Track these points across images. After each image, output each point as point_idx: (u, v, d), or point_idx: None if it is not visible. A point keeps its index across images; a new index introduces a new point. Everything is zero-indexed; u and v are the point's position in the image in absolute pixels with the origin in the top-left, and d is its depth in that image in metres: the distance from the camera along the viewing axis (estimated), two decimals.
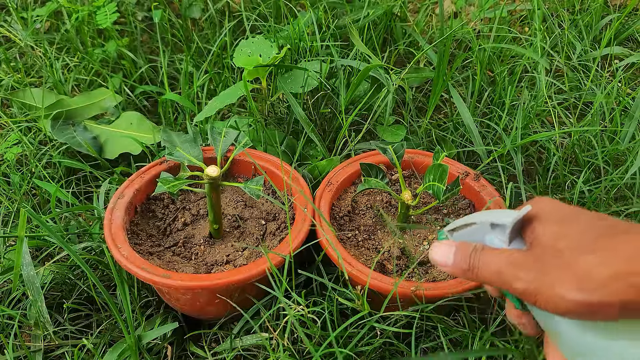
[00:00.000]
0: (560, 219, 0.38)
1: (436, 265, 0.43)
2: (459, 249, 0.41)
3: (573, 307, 0.33)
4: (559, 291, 0.34)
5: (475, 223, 0.42)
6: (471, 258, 0.40)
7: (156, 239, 0.74)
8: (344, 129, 0.87)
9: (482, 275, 0.39)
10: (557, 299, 0.34)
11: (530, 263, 0.36)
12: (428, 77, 1.07)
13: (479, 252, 0.40)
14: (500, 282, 0.38)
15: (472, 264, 0.40)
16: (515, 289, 0.36)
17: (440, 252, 0.43)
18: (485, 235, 0.42)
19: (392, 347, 0.67)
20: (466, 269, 0.40)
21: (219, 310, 0.70)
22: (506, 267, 0.37)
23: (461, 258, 0.41)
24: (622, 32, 1.25)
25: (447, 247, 0.42)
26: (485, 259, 0.39)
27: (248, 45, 0.90)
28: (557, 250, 0.36)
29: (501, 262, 0.38)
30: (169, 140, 0.76)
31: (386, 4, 1.16)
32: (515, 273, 0.36)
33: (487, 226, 0.41)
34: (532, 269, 0.36)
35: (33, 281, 0.68)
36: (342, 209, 0.76)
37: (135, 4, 1.35)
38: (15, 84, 1.10)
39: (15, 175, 0.89)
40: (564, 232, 0.37)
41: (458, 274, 0.41)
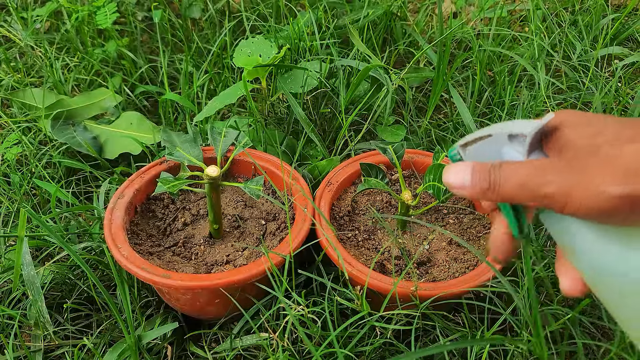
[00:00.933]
0: (589, 121, 0.35)
1: (451, 188, 0.39)
2: (476, 168, 0.37)
3: (610, 204, 0.31)
4: (597, 187, 0.31)
5: (491, 135, 0.38)
6: (491, 175, 0.36)
7: (156, 239, 0.74)
8: (344, 129, 0.87)
9: (504, 190, 0.35)
10: (593, 196, 0.31)
11: (561, 165, 0.33)
12: (428, 77, 1.07)
13: (498, 168, 0.36)
14: (525, 194, 0.34)
15: (492, 180, 0.36)
16: (544, 195, 0.33)
17: (455, 174, 0.38)
18: (502, 148, 0.38)
19: (392, 347, 0.67)
20: (486, 188, 0.36)
21: (219, 310, 0.70)
22: (533, 174, 0.34)
23: (480, 177, 0.37)
24: (622, 32, 1.25)
25: (463, 168, 0.38)
26: (507, 172, 0.35)
27: (248, 45, 0.90)
28: (594, 146, 0.33)
29: (526, 170, 0.35)
30: (169, 140, 0.76)
31: (386, 4, 1.16)
32: (544, 178, 0.33)
33: (504, 138, 0.38)
34: (564, 171, 0.33)
35: (33, 281, 0.68)
36: (342, 209, 0.76)
37: (135, 4, 1.35)
38: (15, 84, 1.10)
39: (15, 175, 0.89)
40: (598, 129, 0.34)
41: (477, 194, 0.37)
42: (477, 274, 0.64)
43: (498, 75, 1.05)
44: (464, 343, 0.52)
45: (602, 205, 0.31)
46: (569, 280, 0.37)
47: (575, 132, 0.34)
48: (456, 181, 0.38)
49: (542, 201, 0.34)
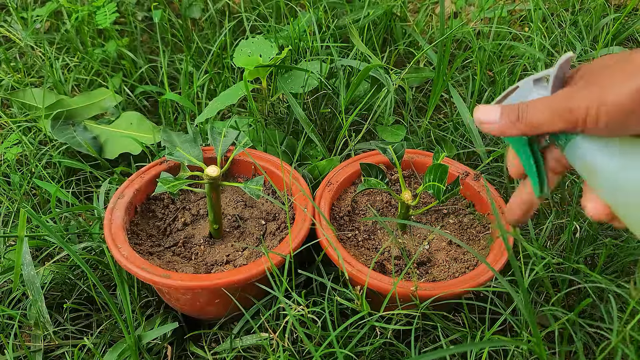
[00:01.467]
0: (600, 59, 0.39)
1: (481, 124, 0.42)
2: (505, 107, 0.41)
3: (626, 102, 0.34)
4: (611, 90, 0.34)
5: (518, 87, 0.42)
6: (519, 109, 0.40)
7: (156, 239, 0.74)
8: (344, 129, 0.87)
9: (532, 118, 0.39)
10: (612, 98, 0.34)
11: (580, 87, 0.37)
12: (428, 77, 1.07)
13: (525, 103, 0.40)
14: (551, 116, 0.38)
15: (521, 113, 0.40)
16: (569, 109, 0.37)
17: (486, 111, 0.42)
18: (529, 95, 0.42)
19: (392, 347, 0.67)
20: (515, 120, 0.40)
21: (219, 310, 0.70)
22: (557, 98, 0.38)
23: (509, 112, 0.41)
24: (622, 32, 1.25)
25: (493, 107, 0.42)
26: (533, 103, 0.39)
27: (248, 46, 0.90)
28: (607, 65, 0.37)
29: (549, 98, 0.39)
30: (169, 140, 0.76)
31: (386, 4, 1.16)
32: (566, 98, 0.37)
33: (529, 85, 0.42)
34: (582, 89, 0.37)
35: (33, 281, 0.68)
36: (342, 209, 0.76)
37: (135, 4, 1.35)
38: (15, 84, 1.10)
39: (15, 175, 0.89)
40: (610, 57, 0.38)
41: (506, 128, 0.41)
42: (477, 274, 0.64)
43: (498, 75, 1.05)
44: (465, 347, 0.52)
45: (618, 106, 0.34)
46: (593, 206, 0.40)
47: (589, 67, 0.39)
48: (487, 117, 0.42)
49: (567, 118, 0.37)
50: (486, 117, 0.42)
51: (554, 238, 0.81)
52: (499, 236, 0.69)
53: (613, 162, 0.37)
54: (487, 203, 0.75)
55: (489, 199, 0.71)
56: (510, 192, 0.89)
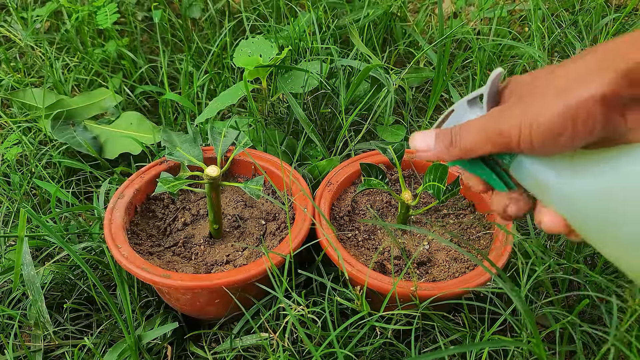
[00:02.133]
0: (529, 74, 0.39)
1: (418, 152, 0.42)
2: (440, 132, 0.41)
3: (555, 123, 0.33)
4: (539, 110, 0.34)
5: (453, 109, 0.42)
6: (452, 133, 0.40)
7: (156, 239, 0.74)
8: (344, 129, 0.87)
9: (465, 141, 0.39)
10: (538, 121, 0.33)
11: (510, 107, 0.36)
12: (428, 77, 1.07)
13: (458, 127, 0.40)
14: (484, 139, 0.37)
15: (453, 137, 0.39)
16: (501, 133, 0.36)
17: (421, 138, 0.42)
18: (464, 117, 0.42)
19: (392, 347, 0.67)
20: (448, 144, 0.40)
21: (219, 310, 0.70)
22: (487, 120, 0.37)
23: (442, 137, 0.40)
24: (622, 32, 1.25)
25: (428, 134, 0.42)
26: (465, 126, 0.39)
27: (248, 46, 0.90)
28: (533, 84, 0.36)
29: (481, 120, 0.38)
30: (169, 140, 0.76)
31: (386, 4, 1.16)
32: (497, 120, 0.36)
33: (464, 107, 0.42)
34: (512, 109, 0.36)
35: (33, 281, 0.68)
36: (342, 209, 0.76)
37: (135, 4, 1.35)
38: (15, 84, 1.10)
39: (15, 175, 0.89)
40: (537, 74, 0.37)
41: (441, 153, 0.41)
42: (477, 274, 0.64)
43: None
44: (464, 347, 0.52)
45: (548, 128, 0.33)
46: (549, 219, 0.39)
47: (518, 82, 0.39)
48: (422, 145, 0.42)
49: (500, 141, 0.36)
50: (421, 144, 0.42)
51: (554, 238, 0.81)
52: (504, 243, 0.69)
53: (561, 177, 0.36)
54: (487, 203, 0.75)
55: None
56: None
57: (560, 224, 0.38)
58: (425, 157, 0.42)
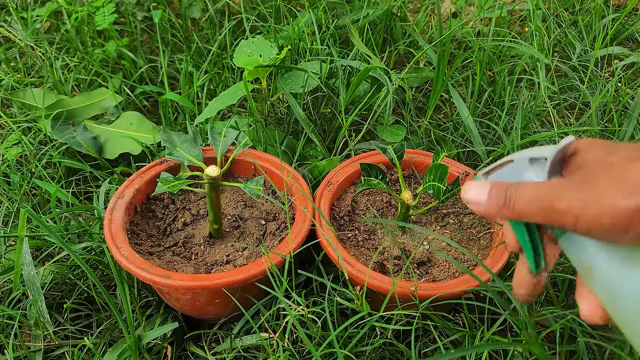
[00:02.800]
0: (605, 145, 0.36)
1: (469, 204, 0.40)
2: (495, 186, 0.38)
3: (620, 218, 0.31)
4: (606, 201, 0.31)
5: (512, 161, 0.40)
6: (507, 192, 0.37)
7: (156, 239, 0.74)
8: (344, 129, 0.87)
9: (519, 206, 0.36)
10: (603, 211, 0.31)
11: (574, 182, 0.34)
12: (428, 77, 1.07)
13: (515, 186, 0.37)
14: (538, 210, 0.35)
15: (508, 197, 0.37)
16: (557, 210, 0.34)
17: (474, 190, 0.40)
18: (523, 173, 0.39)
19: (392, 347, 0.67)
20: (502, 204, 0.37)
21: (219, 310, 0.70)
22: (546, 191, 0.35)
23: (496, 194, 0.38)
24: (622, 32, 1.25)
25: (481, 185, 0.39)
26: (523, 189, 0.36)
27: (248, 46, 0.90)
28: (606, 163, 0.34)
29: (541, 188, 0.35)
30: (169, 140, 0.76)
31: (386, 4, 1.16)
32: (557, 194, 0.34)
33: (525, 162, 0.39)
34: (576, 187, 0.33)
35: (33, 281, 0.68)
36: (342, 209, 0.76)
37: (135, 4, 1.35)
38: (15, 84, 1.10)
39: (15, 175, 0.89)
40: (611, 150, 0.35)
41: (493, 210, 0.38)
42: (476, 273, 0.64)
43: (498, 75, 1.05)
44: (463, 351, 0.52)
45: (612, 220, 0.31)
46: (588, 306, 0.37)
47: (591, 153, 0.36)
48: (474, 197, 0.40)
49: (554, 217, 0.34)
50: (474, 196, 0.40)
51: None
52: (501, 243, 0.69)
53: (612, 269, 0.34)
54: None
55: None
56: None
57: (600, 314, 0.37)
58: (476, 211, 0.40)
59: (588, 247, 0.35)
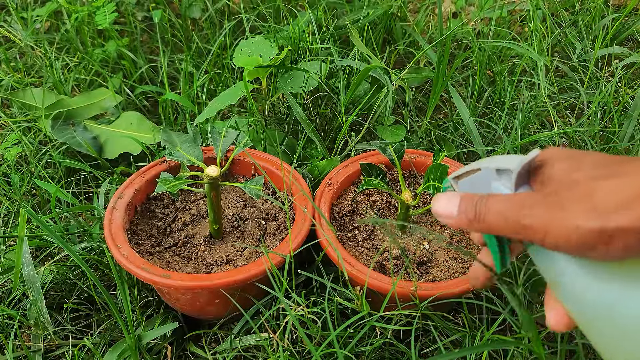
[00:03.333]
0: (571, 156, 0.36)
1: (439, 218, 0.41)
2: (464, 199, 0.39)
3: (587, 239, 0.31)
4: (573, 221, 0.32)
5: (480, 169, 0.40)
6: (477, 205, 0.38)
7: (156, 239, 0.74)
8: (344, 129, 0.87)
9: (488, 221, 0.37)
10: (570, 231, 0.32)
11: (540, 199, 0.35)
12: (428, 77, 1.08)
13: (484, 199, 0.38)
14: (506, 225, 0.36)
15: (478, 211, 0.37)
16: (523, 226, 0.34)
17: (444, 204, 0.40)
18: (491, 182, 0.40)
19: (392, 348, 0.67)
20: (472, 218, 0.38)
21: (219, 310, 0.70)
22: (514, 207, 0.35)
23: (466, 207, 0.38)
24: (622, 32, 1.25)
25: (451, 198, 0.40)
26: (491, 203, 0.37)
27: (248, 46, 0.90)
28: (571, 181, 0.34)
29: (508, 203, 0.36)
30: (169, 140, 0.76)
31: (386, 4, 1.16)
32: (524, 211, 0.35)
33: (492, 172, 0.40)
34: (543, 204, 0.34)
35: (33, 281, 0.68)
36: (342, 209, 0.76)
37: (135, 4, 1.35)
38: (15, 84, 1.10)
39: (15, 175, 0.89)
40: (577, 165, 0.35)
41: (464, 224, 0.39)
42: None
43: (498, 75, 1.05)
44: (463, 352, 0.52)
45: (578, 240, 0.32)
46: (554, 315, 0.38)
47: (557, 167, 0.36)
48: (445, 210, 0.40)
49: (522, 233, 0.35)
50: (444, 209, 0.40)
51: None
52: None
53: (581, 282, 0.34)
54: None
55: None
56: None
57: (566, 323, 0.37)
58: (446, 224, 0.41)
59: (557, 260, 0.36)
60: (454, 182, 0.43)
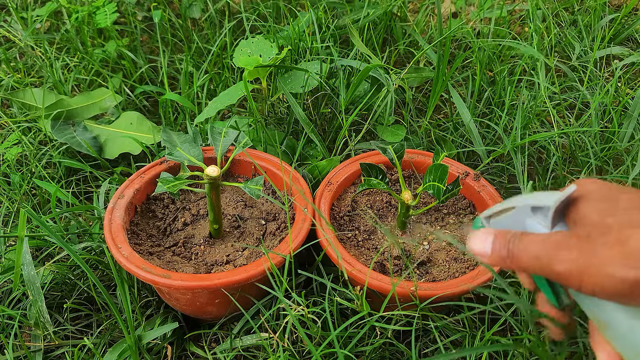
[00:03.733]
0: (606, 196, 0.35)
1: (474, 255, 0.40)
2: (497, 237, 0.38)
3: (622, 287, 0.31)
4: (606, 269, 0.31)
5: (514, 207, 0.39)
6: (510, 244, 0.37)
7: (156, 239, 0.74)
8: (344, 129, 0.87)
9: (521, 261, 0.36)
10: (604, 278, 0.31)
11: (573, 242, 0.34)
12: (428, 77, 1.07)
13: (517, 238, 0.37)
14: (540, 267, 0.35)
15: (510, 250, 0.37)
16: (557, 273, 0.34)
17: (479, 242, 0.39)
18: (526, 220, 0.39)
19: (392, 347, 0.67)
20: (505, 257, 0.37)
21: (219, 310, 0.70)
22: (546, 249, 0.35)
23: (499, 246, 0.38)
24: (622, 32, 1.25)
25: (485, 236, 0.39)
26: (524, 244, 0.36)
27: (248, 46, 0.90)
28: (605, 226, 0.33)
29: (541, 245, 0.35)
30: (169, 140, 0.76)
31: (386, 4, 1.16)
32: (557, 254, 0.34)
33: (527, 210, 0.39)
34: (576, 248, 0.33)
35: (33, 281, 0.68)
36: (342, 209, 0.76)
37: (135, 4, 1.35)
38: (15, 84, 1.10)
39: (15, 175, 0.89)
40: (611, 208, 0.34)
41: (497, 262, 0.38)
42: (476, 274, 0.64)
43: (498, 75, 1.05)
44: (463, 352, 0.52)
45: (614, 288, 0.31)
46: (607, 356, 0.37)
47: (590, 207, 0.35)
48: (479, 249, 0.39)
49: (556, 278, 0.34)
50: (478, 247, 0.40)
51: None
52: None
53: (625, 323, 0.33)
54: (487, 203, 0.75)
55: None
56: (510, 193, 0.89)
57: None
58: (482, 262, 0.40)
59: (599, 303, 0.35)
60: (485, 221, 0.42)
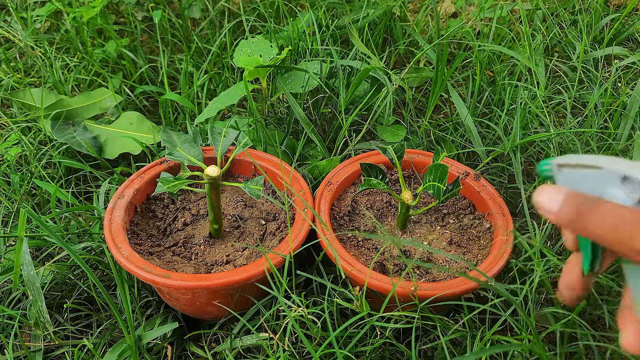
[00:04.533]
0: None
1: (539, 208, 0.38)
2: (570, 197, 0.36)
3: None
4: None
5: (601, 168, 0.36)
6: (582, 207, 0.35)
7: (156, 239, 0.74)
8: (344, 129, 0.87)
9: (591, 227, 0.34)
10: None
11: None
12: (428, 77, 1.07)
13: (591, 204, 0.34)
14: (615, 240, 0.33)
15: (582, 214, 0.34)
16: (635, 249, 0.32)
17: (546, 196, 0.37)
18: (607, 187, 0.35)
19: (392, 347, 0.67)
20: (574, 219, 0.35)
21: (219, 310, 0.70)
22: (628, 223, 0.32)
23: (570, 206, 0.35)
24: (622, 32, 1.25)
25: (556, 192, 0.37)
26: (603, 212, 0.34)
27: (248, 46, 0.90)
28: None
29: (626, 217, 0.32)
30: (169, 140, 0.76)
31: (386, 4, 1.16)
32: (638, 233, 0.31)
33: (615, 177, 0.35)
34: None
35: (33, 281, 0.68)
36: (342, 209, 0.76)
37: (135, 4, 1.35)
38: (15, 84, 1.10)
39: (15, 175, 0.89)
40: None
41: (563, 221, 0.36)
42: (476, 274, 0.64)
43: (498, 75, 1.05)
44: (464, 358, 0.52)
45: None
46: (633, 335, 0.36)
47: None
48: (546, 203, 0.37)
49: (630, 253, 0.33)
50: (545, 202, 0.37)
51: (555, 237, 0.81)
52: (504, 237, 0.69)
53: None
54: (487, 203, 0.75)
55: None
56: (510, 193, 0.89)
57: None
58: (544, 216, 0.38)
59: None
60: (557, 168, 0.38)
